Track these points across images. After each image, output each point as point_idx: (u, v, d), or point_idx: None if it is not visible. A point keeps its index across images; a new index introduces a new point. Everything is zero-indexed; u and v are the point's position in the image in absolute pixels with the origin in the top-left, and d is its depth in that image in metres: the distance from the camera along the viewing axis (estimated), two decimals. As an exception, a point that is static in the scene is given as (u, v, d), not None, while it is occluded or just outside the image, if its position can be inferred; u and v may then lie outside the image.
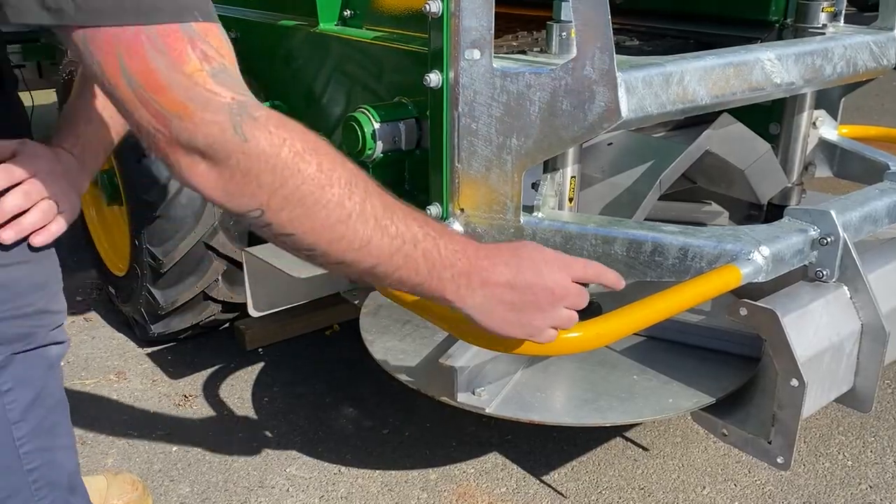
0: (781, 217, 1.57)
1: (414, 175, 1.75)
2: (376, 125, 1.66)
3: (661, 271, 1.48)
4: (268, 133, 0.89)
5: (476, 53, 1.47)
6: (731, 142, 1.96)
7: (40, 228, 1.10)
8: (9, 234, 1.07)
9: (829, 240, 1.50)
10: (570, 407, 1.56)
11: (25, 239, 1.09)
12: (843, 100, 2.17)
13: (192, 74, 0.86)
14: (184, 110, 0.86)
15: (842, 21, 2.04)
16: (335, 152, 0.95)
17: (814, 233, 1.51)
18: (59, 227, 1.13)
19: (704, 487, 1.94)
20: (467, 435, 2.12)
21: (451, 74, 1.50)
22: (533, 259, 1.04)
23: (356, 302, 1.91)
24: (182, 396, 2.32)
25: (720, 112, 1.95)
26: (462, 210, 1.59)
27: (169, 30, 0.85)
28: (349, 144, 1.71)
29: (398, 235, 0.97)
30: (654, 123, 1.90)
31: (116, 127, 1.27)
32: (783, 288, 1.51)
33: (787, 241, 1.47)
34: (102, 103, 1.25)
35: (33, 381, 1.17)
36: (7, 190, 1.08)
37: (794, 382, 1.39)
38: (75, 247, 2.79)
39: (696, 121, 1.95)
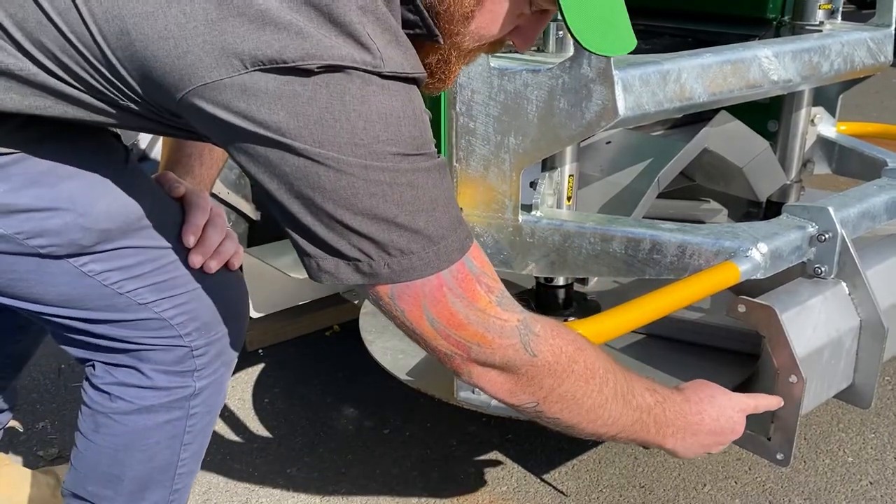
0: (780, 214, 1.57)
1: (412, 175, 1.75)
2: (374, 125, 1.66)
3: (659, 269, 1.48)
4: (549, 345, 1.06)
5: (473, 53, 1.47)
6: (729, 139, 1.96)
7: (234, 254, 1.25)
8: (213, 264, 1.21)
9: (827, 236, 1.50)
10: (570, 405, 1.56)
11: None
12: (841, 97, 2.18)
13: (484, 309, 1.01)
14: (482, 339, 1.02)
15: (839, 18, 2.04)
16: (590, 343, 1.13)
17: (812, 229, 1.51)
18: (241, 249, 1.27)
19: (705, 485, 1.94)
20: (468, 434, 2.13)
21: (449, 74, 1.50)
22: (724, 407, 1.26)
23: (356, 302, 1.91)
24: (183, 398, 2.32)
25: (718, 110, 1.95)
26: (461, 209, 1.59)
27: (461, 274, 0.99)
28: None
29: (637, 407, 1.15)
30: (653, 122, 1.90)
31: (218, 164, 1.38)
32: (781, 285, 1.51)
33: (786, 237, 1.48)
34: (210, 147, 1.35)
35: (213, 407, 1.29)
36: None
37: (793, 379, 1.39)
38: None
39: (694, 119, 1.96)
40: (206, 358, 1.22)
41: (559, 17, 0.98)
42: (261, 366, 2.47)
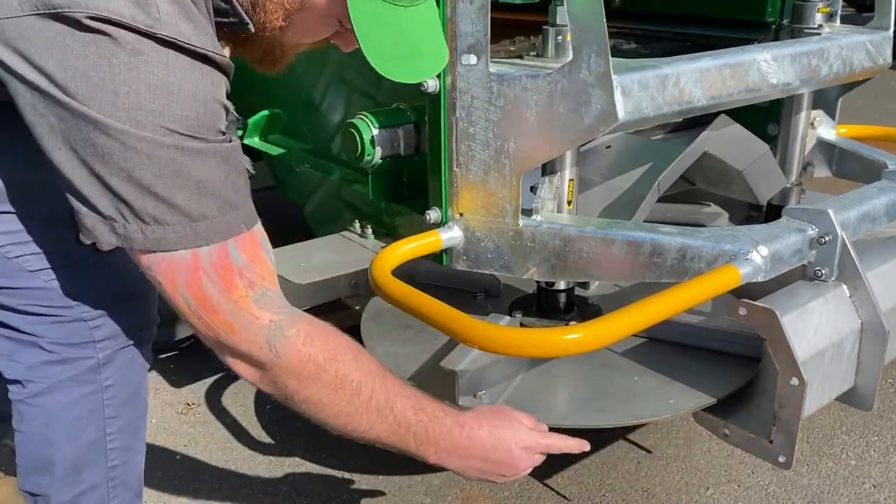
0: (780, 217, 1.57)
1: (413, 180, 1.76)
2: (375, 131, 1.66)
3: (660, 272, 1.48)
4: (297, 350, 1.10)
5: (473, 58, 1.47)
6: (729, 143, 1.96)
7: None
8: None
9: (827, 239, 1.50)
10: (572, 409, 1.56)
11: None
12: (840, 99, 2.18)
13: (238, 301, 1.05)
14: (229, 329, 1.06)
15: (838, 21, 2.05)
16: (352, 355, 1.16)
17: (812, 232, 1.51)
18: None
19: (708, 489, 1.94)
20: (470, 439, 2.12)
21: (449, 79, 1.51)
22: (503, 439, 1.26)
23: (357, 308, 1.91)
24: (184, 405, 2.32)
25: (718, 113, 1.95)
26: (461, 214, 1.59)
27: (221, 261, 1.02)
28: (348, 151, 1.71)
29: (395, 422, 1.20)
30: (652, 126, 1.90)
31: None
32: (782, 287, 1.51)
33: (786, 240, 1.48)
34: None
35: (131, 380, 1.31)
36: None
37: (795, 381, 1.39)
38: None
39: (694, 122, 1.96)
40: (104, 330, 1.23)
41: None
42: (262, 372, 2.46)
